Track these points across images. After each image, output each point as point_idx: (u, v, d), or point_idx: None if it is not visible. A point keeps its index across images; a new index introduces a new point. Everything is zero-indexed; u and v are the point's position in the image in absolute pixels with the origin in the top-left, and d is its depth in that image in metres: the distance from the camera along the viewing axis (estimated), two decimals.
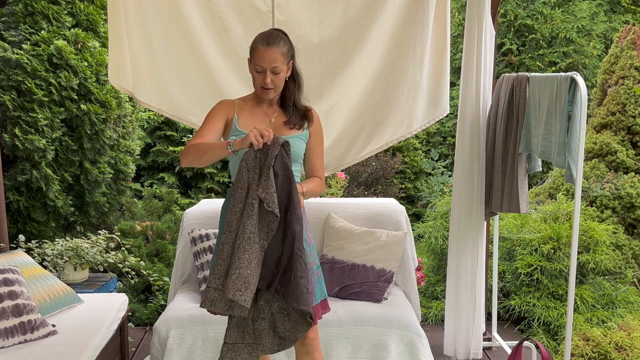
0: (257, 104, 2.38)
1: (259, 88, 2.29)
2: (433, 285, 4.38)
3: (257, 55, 2.22)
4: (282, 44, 2.23)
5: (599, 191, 4.43)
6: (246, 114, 2.34)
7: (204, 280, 3.14)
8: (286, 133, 2.32)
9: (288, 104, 2.37)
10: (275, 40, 2.21)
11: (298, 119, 2.36)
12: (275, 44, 2.21)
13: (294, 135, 2.33)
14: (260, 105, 2.37)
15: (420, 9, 3.23)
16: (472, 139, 3.24)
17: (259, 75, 2.25)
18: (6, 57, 3.99)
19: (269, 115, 2.36)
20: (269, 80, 2.23)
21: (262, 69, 2.22)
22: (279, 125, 2.35)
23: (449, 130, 6.64)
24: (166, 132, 5.74)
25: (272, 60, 2.20)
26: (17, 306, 2.55)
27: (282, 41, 2.23)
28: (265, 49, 2.20)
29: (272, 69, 2.21)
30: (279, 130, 2.33)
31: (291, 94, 2.36)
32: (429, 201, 5.65)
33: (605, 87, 4.83)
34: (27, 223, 4.21)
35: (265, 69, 2.21)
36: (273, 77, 2.24)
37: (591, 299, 3.81)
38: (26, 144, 4.00)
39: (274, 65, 2.21)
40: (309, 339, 2.30)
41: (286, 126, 2.35)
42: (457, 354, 3.40)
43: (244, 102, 2.39)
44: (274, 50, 2.20)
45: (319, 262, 2.42)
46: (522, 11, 6.61)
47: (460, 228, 3.30)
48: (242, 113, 2.34)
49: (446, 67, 3.36)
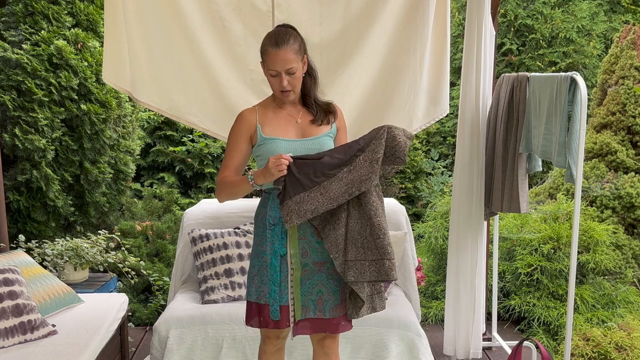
0: (279, 107, 2.24)
1: (277, 92, 2.17)
2: (433, 285, 4.37)
3: (269, 58, 2.10)
4: (292, 41, 2.10)
5: (599, 191, 4.42)
6: (270, 120, 2.20)
7: (204, 280, 3.14)
8: (316, 132, 2.21)
9: (310, 101, 2.24)
10: (284, 39, 2.08)
11: (323, 115, 2.24)
12: (285, 42, 2.08)
13: (324, 134, 2.22)
14: (283, 107, 2.23)
15: (420, 9, 3.23)
16: (472, 139, 3.24)
17: (274, 79, 2.13)
18: (6, 57, 3.99)
19: (294, 117, 2.23)
20: (286, 83, 2.10)
21: (277, 72, 2.10)
22: (306, 125, 2.22)
23: (449, 130, 6.63)
24: (166, 132, 5.74)
25: (285, 62, 2.07)
26: (17, 306, 2.55)
27: (291, 38, 2.10)
28: (276, 50, 2.07)
29: (287, 71, 2.09)
30: (308, 130, 2.21)
31: (309, 90, 2.23)
32: (429, 201, 5.64)
33: (605, 87, 4.83)
34: (27, 223, 4.21)
35: (280, 72, 2.09)
36: (289, 79, 2.11)
37: (591, 299, 3.81)
38: (26, 143, 4.00)
39: (288, 67, 2.08)
40: (329, 342, 2.29)
41: (314, 125, 2.22)
42: (457, 353, 3.40)
43: (264, 107, 2.25)
44: (285, 50, 2.07)
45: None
46: (522, 11, 6.60)
47: (460, 228, 3.29)
48: (265, 120, 2.20)
49: (446, 67, 3.36)
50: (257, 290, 2.21)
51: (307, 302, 2.18)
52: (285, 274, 2.18)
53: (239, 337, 2.86)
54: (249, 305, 2.26)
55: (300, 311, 2.18)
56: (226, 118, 3.29)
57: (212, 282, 3.12)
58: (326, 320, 2.20)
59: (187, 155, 5.67)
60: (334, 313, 2.19)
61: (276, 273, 2.16)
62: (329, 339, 2.29)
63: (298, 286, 2.18)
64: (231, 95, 3.34)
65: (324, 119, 2.24)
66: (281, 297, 2.18)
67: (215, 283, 3.11)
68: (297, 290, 2.18)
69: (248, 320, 2.26)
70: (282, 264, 2.17)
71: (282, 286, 2.17)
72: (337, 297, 2.19)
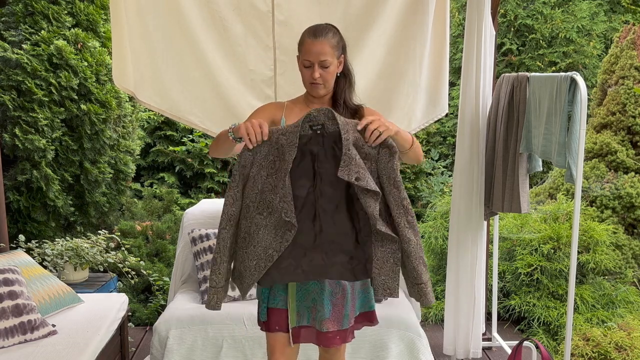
0: (307, 105, 2.19)
1: (307, 84, 2.12)
2: (433, 285, 4.38)
3: (304, 48, 2.06)
4: (331, 35, 2.07)
5: (599, 191, 4.43)
6: (295, 115, 2.15)
7: (204, 280, 3.14)
8: None
9: (339, 102, 2.18)
10: (323, 31, 2.06)
11: (348, 117, 2.13)
12: (324, 35, 2.05)
13: None
14: (311, 105, 2.18)
15: (420, 9, 3.23)
16: (472, 139, 3.24)
17: (307, 70, 2.09)
18: (6, 57, 3.99)
19: None
20: (318, 75, 2.06)
21: (310, 63, 2.06)
22: None
23: (449, 130, 6.63)
24: (166, 132, 5.74)
25: (319, 53, 2.03)
26: (17, 306, 2.55)
27: (330, 33, 2.07)
28: (313, 40, 2.04)
29: (321, 63, 2.04)
30: None
31: (342, 91, 2.17)
32: (429, 201, 5.64)
33: (605, 87, 4.83)
34: (27, 223, 4.21)
35: (313, 63, 2.05)
36: (322, 72, 2.06)
37: (591, 299, 3.81)
38: (26, 143, 4.00)
39: (323, 59, 2.04)
40: (334, 349, 2.19)
41: None
42: (457, 353, 3.40)
43: (293, 104, 2.23)
44: (322, 41, 2.04)
45: None
46: (522, 11, 6.60)
47: (460, 228, 3.29)
48: (290, 115, 2.17)
49: (445, 67, 3.36)
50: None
51: (302, 308, 2.10)
52: None
53: (239, 337, 2.86)
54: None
55: (295, 318, 2.11)
56: (226, 118, 3.29)
57: None
58: (318, 332, 2.10)
59: (187, 155, 5.67)
60: (321, 327, 2.06)
61: None
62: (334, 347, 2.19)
63: (293, 291, 2.10)
64: (231, 95, 3.34)
65: None
66: (272, 299, 2.12)
67: None
68: (292, 295, 2.10)
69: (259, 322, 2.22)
70: None
71: (275, 288, 2.11)
72: (327, 310, 2.06)
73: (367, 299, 2.20)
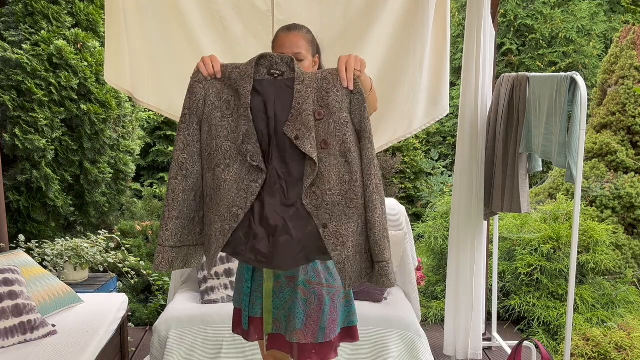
0: None
1: None
2: (433, 285, 4.38)
3: (278, 42, 2.01)
4: (306, 31, 2.04)
5: (599, 191, 4.43)
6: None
7: (204, 280, 3.14)
8: None
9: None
10: (297, 27, 2.03)
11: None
12: (298, 29, 2.02)
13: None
14: None
15: (420, 9, 3.23)
16: (472, 139, 3.24)
17: None
18: (6, 57, 3.99)
19: None
20: None
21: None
22: None
23: (449, 130, 6.64)
24: (166, 132, 5.74)
25: (293, 45, 1.96)
26: (17, 306, 2.55)
27: (305, 29, 2.05)
28: (287, 33, 2.00)
29: (295, 55, 1.94)
30: None
31: None
32: (429, 201, 5.64)
33: (605, 87, 4.83)
34: (27, 223, 4.21)
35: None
36: None
37: (591, 299, 3.81)
38: (26, 144, 4.00)
39: (297, 51, 1.95)
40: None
41: None
42: (457, 353, 3.40)
43: None
44: (296, 34, 1.99)
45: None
46: (522, 11, 6.61)
47: (460, 228, 3.29)
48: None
49: (446, 67, 3.36)
50: (237, 295, 2.12)
51: (279, 316, 2.00)
52: (259, 284, 2.04)
53: (239, 337, 2.86)
54: (234, 312, 2.15)
55: (271, 324, 2.02)
56: None
57: (212, 282, 3.12)
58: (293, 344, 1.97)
59: None
60: (291, 337, 1.94)
61: (247, 282, 2.04)
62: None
63: (269, 298, 2.01)
64: None
65: None
66: (252, 308, 2.05)
67: (215, 283, 3.11)
68: (267, 302, 2.01)
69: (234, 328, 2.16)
70: (255, 274, 2.05)
71: (253, 296, 2.05)
72: (299, 320, 1.94)
73: (349, 313, 2.08)
